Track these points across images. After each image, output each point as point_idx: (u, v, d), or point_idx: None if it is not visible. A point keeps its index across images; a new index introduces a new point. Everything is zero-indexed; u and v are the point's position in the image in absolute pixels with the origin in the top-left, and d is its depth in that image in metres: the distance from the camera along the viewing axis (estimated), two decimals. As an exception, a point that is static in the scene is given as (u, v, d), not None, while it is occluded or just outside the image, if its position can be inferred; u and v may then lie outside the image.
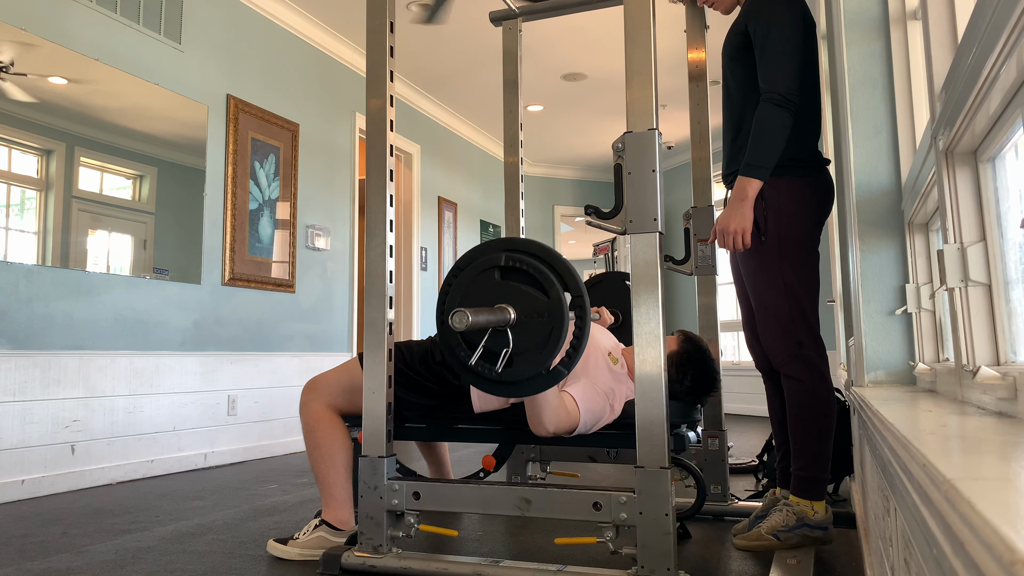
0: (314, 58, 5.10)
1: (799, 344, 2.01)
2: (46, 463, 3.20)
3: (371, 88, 2.01)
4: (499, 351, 1.74)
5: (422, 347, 2.21)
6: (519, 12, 2.86)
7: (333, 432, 2.14)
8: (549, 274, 1.73)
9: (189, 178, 4.02)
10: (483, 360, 1.76)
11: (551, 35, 5.20)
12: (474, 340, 1.76)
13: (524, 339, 1.73)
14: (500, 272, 1.77)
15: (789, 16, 2.01)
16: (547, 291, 1.72)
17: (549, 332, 1.71)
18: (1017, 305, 1.06)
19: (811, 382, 2.00)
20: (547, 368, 1.73)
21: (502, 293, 1.76)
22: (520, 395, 1.78)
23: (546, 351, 1.71)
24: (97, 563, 2.08)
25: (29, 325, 3.16)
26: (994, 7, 0.77)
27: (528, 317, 1.73)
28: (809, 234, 2.05)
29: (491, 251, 1.79)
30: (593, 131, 7.41)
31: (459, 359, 1.78)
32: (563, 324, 1.70)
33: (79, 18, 3.46)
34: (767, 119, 1.95)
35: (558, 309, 1.71)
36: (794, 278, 2.02)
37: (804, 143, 2.06)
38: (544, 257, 1.76)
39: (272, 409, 4.50)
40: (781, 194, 2.03)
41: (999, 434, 0.73)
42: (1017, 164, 1.03)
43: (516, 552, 2.18)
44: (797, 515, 2.00)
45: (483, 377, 1.77)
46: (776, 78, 1.96)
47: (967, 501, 0.41)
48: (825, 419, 2.00)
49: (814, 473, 2.00)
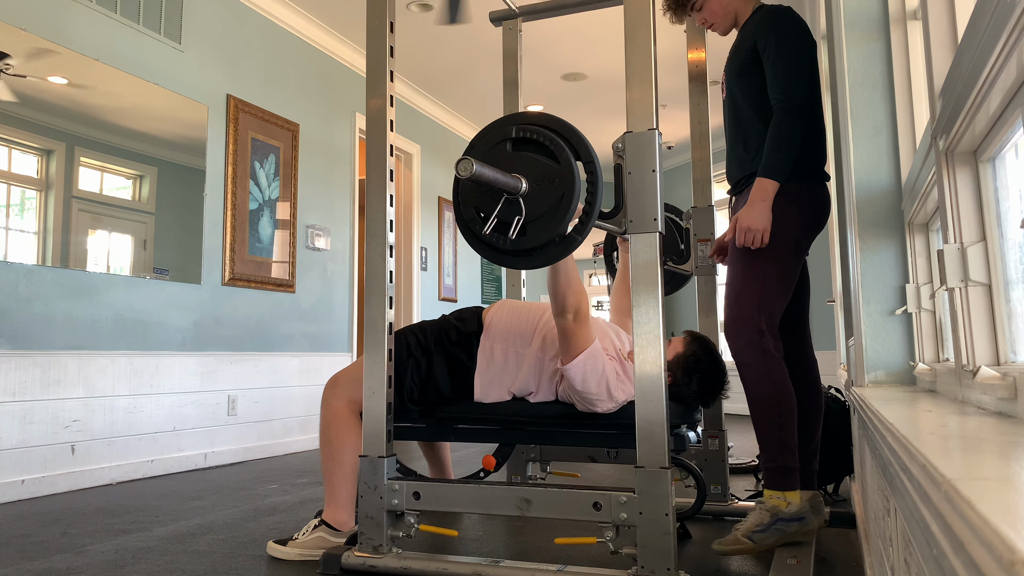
0: (314, 58, 5.10)
1: (760, 332, 2.03)
2: (46, 463, 3.20)
3: (371, 88, 2.01)
4: (512, 221, 1.73)
5: (435, 327, 2.22)
6: (519, 12, 2.86)
7: (346, 432, 2.13)
8: (560, 141, 1.72)
9: (189, 178, 4.02)
10: (496, 232, 1.74)
11: (551, 35, 5.20)
12: (488, 213, 1.75)
13: (537, 206, 1.72)
14: (512, 144, 1.76)
15: (797, 34, 2.13)
16: (558, 158, 1.71)
17: (560, 197, 1.69)
18: (1017, 305, 1.06)
19: (767, 369, 2.01)
20: (561, 234, 1.71)
21: (514, 164, 1.75)
22: (534, 264, 1.76)
23: (558, 216, 1.69)
24: (97, 563, 2.08)
25: (29, 325, 3.16)
26: (994, 7, 0.77)
27: (540, 184, 1.72)
28: (798, 239, 2.11)
29: (502, 126, 1.78)
30: (593, 131, 7.41)
31: (473, 232, 1.77)
32: (575, 189, 1.69)
33: (79, 18, 3.46)
34: (783, 125, 2.05)
35: (569, 174, 1.69)
36: (773, 271, 2.07)
37: (806, 154, 2.13)
38: (554, 127, 1.75)
39: (272, 409, 4.50)
40: (785, 195, 2.08)
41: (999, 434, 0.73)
42: (1017, 164, 1.03)
43: (516, 552, 2.18)
44: (770, 511, 1.99)
45: (497, 249, 1.75)
46: (789, 88, 2.07)
47: (967, 501, 0.41)
48: (786, 406, 2.01)
49: (782, 462, 2.00)
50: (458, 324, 2.22)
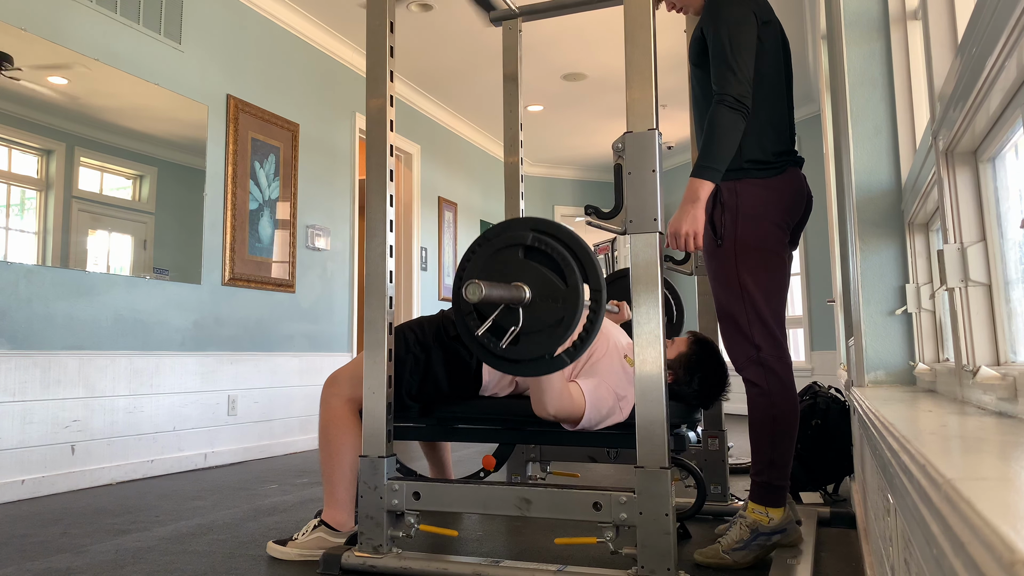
0: (314, 58, 5.10)
1: (756, 348, 1.97)
2: (46, 463, 3.20)
3: (371, 88, 2.01)
4: (508, 327, 1.74)
5: (433, 323, 2.23)
6: (519, 12, 2.86)
7: (345, 432, 2.13)
8: (572, 261, 1.73)
9: (189, 178, 4.02)
10: (490, 333, 1.76)
11: (551, 35, 5.20)
12: (486, 312, 1.76)
13: (535, 321, 1.73)
14: (524, 251, 1.77)
15: (738, 16, 1.96)
16: (566, 278, 1.72)
17: (560, 319, 1.70)
18: (1017, 305, 1.06)
19: (767, 386, 1.96)
20: (551, 353, 1.73)
21: (521, 271, 1.75)
22: (521, 374, 1.79)
23: (554, 337, 1.71)
24: (97, 563, 2.08)
25: (29, 325, 3.16)
26: (994, 7, 0.77)
27: (543, 300, 1.73)
28: (769, 236, 1.99)
29: (519, 228, 1.79)
30: (593, 131, 7.41)
31: (468, 328, 1.78)
32: (576, 313, 1.70)
33: (79, 18, 3.46)
34: (718, 121, 1.91)
35: (574, 298, 1.70)
36: (750, 281, 1.98)
37: (765, 144, 2.01)
38: (570, 244, 1.75)
39: (272, 409, 4.50)
40: (740, 196, 1.98)
41: (999, 434, 0.73)
42: (1017, 164, 1.03)
43: (516, 552, 2.18)
44: (751, 527, 1.96)
45: (488, 350, 1.77)
46: (727, 81, 1.92)
47: (967, 501, 0.41)
48: (781, 424, 1.95)
49: (769, 479, 1.96)
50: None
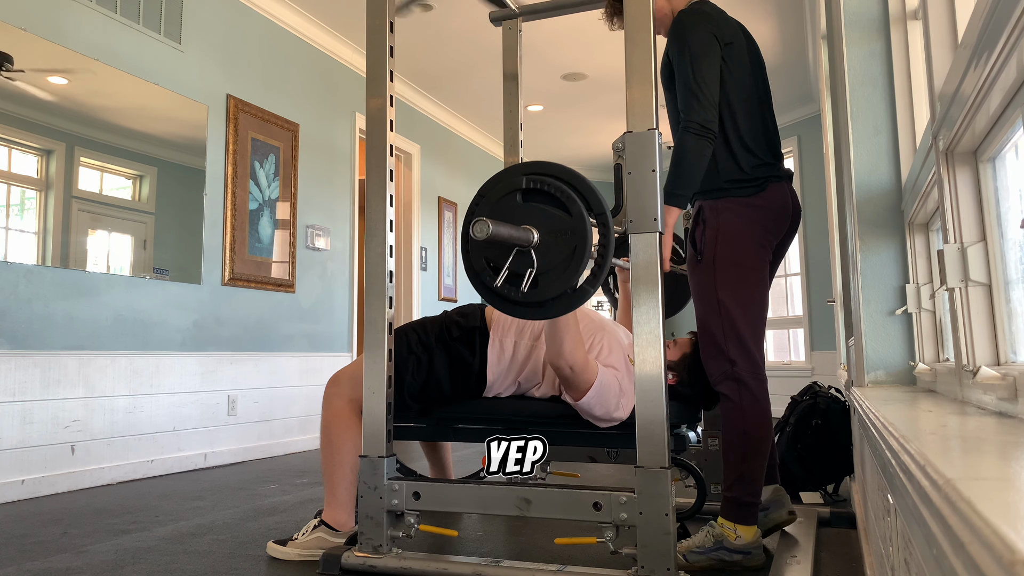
0: (314, 58, 5.10)
1: (731, 363, 1.97)
2: (46, 463, 3.20)
3: (371, 88, 2.01)
4: (524, 273, 1.73)
5: (436, 324, 2.22)
6: (519, 12, 2.86)
7: (347, 432, 2.13)
8: (571, 193, 1.72)
9: (189, 178, 4.02)
10: (508, 283, 1.75)
11: (551, 35, 5.20)
12: (498, 264, 1.75)
13: (548, 259, 1.72)
14: (522, 195, 1.76)
15: (697, 39, 1.96)
16: (569, 210, 1.71)
17: (573, 250, 1.70)
18: (1017, 305, 1.06)
19: (740, 401, 1.95)
20: (573, 287, 1.72)
21: (524, 216, 1.75)
22: (546, 316, 1.77)
23: (571, 269, 1.70)
24: (97, 563, 2.08)
25: (29, 325, 3.16)
26: (994, 7, 0.77)
27: (551, 236, 1.72)
28: (749, 253, 1.99)
29: (511, 176, 1.78)
30: (593, 131, 7.41)
31: (484, 283, 1.77)
32: (586, 241, 1.69)
33: (79, 18, 3.46)
34: (683, 149, 1.92)
35: (581, 226, 1.70)
36: (728, 297, 1.97)
37: (741, 162, 2.01)
38: (565, 178, 1.74)
39: (272, 409, 4.50)
40: (720, 215, 1.99)
41: (999, 434, 0.73)
42: (1017, 164, 1.03)
43: (516, 552, 2.18)
44: (716, 537, 1.94)
45: (509, 300, 1.76)
46: (691, 107, 1.93)
47: (967, 501, 0.41)
48: (752, 440, 1.93)
49: (737, 494, 1.93)
50: (460, 319, 2.23)
